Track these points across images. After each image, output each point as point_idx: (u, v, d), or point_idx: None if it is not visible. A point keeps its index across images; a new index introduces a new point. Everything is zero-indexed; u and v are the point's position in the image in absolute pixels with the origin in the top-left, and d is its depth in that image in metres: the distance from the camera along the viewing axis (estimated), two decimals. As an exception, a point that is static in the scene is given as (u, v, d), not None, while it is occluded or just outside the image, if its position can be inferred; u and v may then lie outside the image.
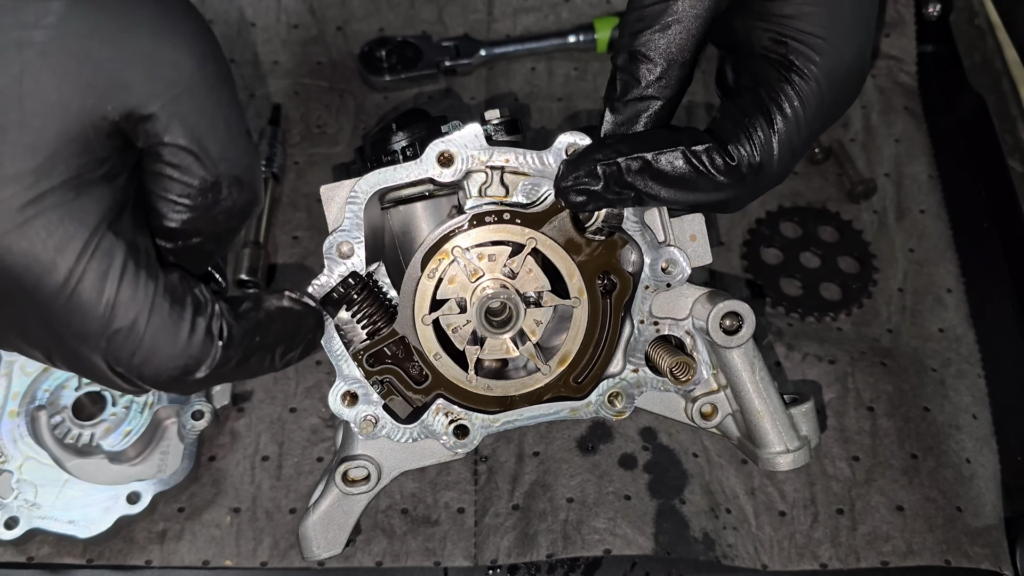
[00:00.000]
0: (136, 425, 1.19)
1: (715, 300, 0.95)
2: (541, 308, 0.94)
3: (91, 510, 1.13)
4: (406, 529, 1.14)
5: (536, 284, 0.93)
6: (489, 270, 0.92)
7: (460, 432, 0.98)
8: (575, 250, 0.93)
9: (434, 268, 0.92)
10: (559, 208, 0.91)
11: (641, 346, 0.98)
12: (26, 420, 1.20)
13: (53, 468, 1.17)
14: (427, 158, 0.89)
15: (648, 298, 0.96)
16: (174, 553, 1.14)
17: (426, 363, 0.96)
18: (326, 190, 0.93)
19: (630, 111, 0.88)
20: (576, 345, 0.96)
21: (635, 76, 0.86)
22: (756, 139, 0.85)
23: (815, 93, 0.85)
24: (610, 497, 1.12)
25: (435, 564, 1.12)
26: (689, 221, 0.97)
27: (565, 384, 0.98)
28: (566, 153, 0.89)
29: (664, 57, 0.86)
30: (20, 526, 1.12)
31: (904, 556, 1.10)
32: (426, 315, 0.93)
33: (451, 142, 0.89)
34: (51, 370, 1.24)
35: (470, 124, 0.89)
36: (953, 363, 1.27)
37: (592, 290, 0.94)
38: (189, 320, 0.75)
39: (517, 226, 0.91)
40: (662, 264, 0.95)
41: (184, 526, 1.16)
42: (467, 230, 0.91)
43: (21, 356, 1.23)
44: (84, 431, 1.18)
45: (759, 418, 0.98)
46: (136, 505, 1.14)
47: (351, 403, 0.96)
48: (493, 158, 0.90)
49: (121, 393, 1.21)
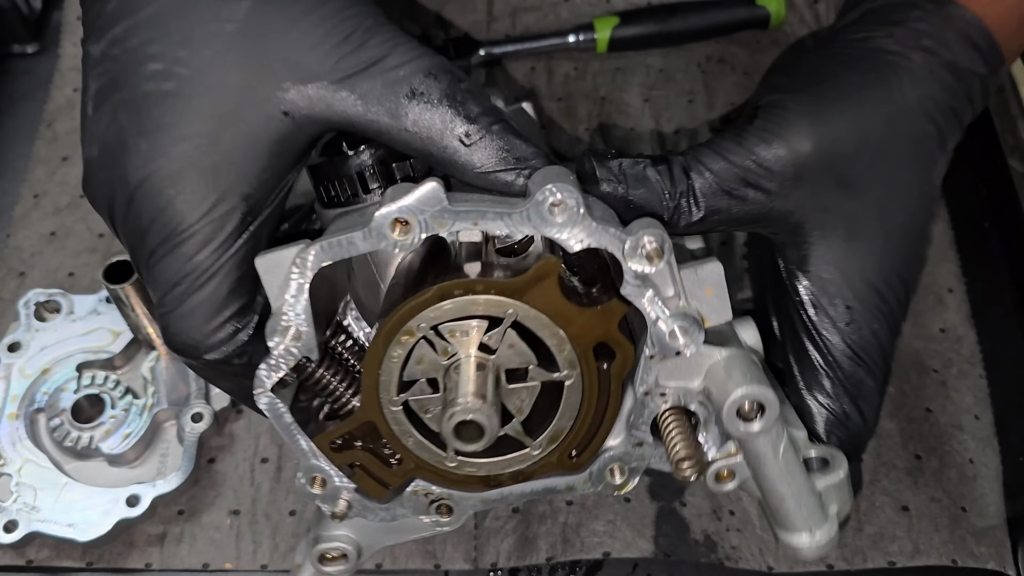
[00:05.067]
0: (135, 428, 1.18)
1: (731, 378, 0.80)
2: (526, 385, 0.81)
3: (90, 513, 1.13)
4: (406, 531, 1.14)
5: (520, 359, 0.80)
6: (463, 347, 0.79)
7: (444, 510, 0.90)
8: (565, 320, 0.78)
9: (399, 347, 0.79)
10: (544, 273, 0.77)
11: (646, 419, 0.85)
12: (25, 423, 1.20)
13: (52, 471, 1.17)
14: (377, 227, 0.76)
15: (653, 368, 0.82)
16: (174, 556, 1.14)
17: (398, 446, 0.85)
18: (262, 262, 0.81)
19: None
20: (568, 422, 0.83)
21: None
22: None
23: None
24: (610, 500, 1.12)
25: (435, 567, 1.11)
26: (705, 270, 0.82)
27: (559, 460, 0.86)
28: (550, 211, 0.76)
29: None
30: (19, 529, 1.12)
31: (911, 556, 1.10)
32: (394, 398, 0.81)
33: (404, 208, 0.76)
34: (50, 373, 1.24)
35: (426, 182, 0.76)
36: (954, 364, 1.27)
37: (587, 361, 0.80)
38: (231, 311, 0.83)
39: (494, 297, 0.77)
40: (670, 329, 0.79)
41: (184, 529, 1.15)
42: (436, 303, 0.77)
43: (20, 359, 1.24)
44: (83, 434, 1.18)
45: (781, 501, 0.86)
46: (135, 508, 1.13)
47: (320, 486, 0.88)
48: (456, 224, 0.77)
49: (120, 395, 1.21)
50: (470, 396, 0.75)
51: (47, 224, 1.43)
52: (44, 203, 1.45)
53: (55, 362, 1.24)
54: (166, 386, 1.21)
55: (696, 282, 0.81)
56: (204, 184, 0.79)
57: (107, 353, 1.24)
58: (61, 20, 1.62)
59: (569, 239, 0.77)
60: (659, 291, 0.79)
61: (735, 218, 0.89)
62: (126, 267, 1.16)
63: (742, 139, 0.88)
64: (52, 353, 1.25)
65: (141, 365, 1.24)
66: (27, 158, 1.49)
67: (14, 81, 1.59)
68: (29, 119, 1.53)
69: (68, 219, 1.43)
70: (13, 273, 1.38)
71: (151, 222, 0.80)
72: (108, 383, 1.22)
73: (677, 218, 0.86)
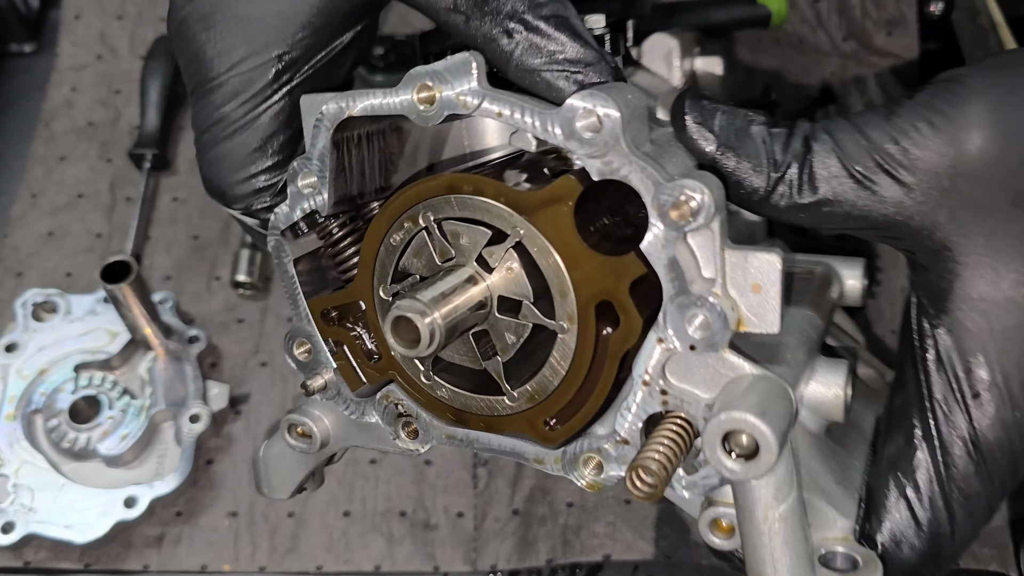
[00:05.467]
0: (133, 429, 1.18)
1: (741, 399, 0.62)
2: (516, 321, 0.71)
3: (88, 514, 1.13)
4: (404, 533, 1.13)
5: (515, 289, 0.71)
6: (461, 254, 0.72)
7: (410, 431, 0.81)
8: (573, 259, 0.67)
9: (400, 229, 0.73)
10: (560, 195, 0.66)
11: (638, 413, 0.69)
12: (23, 424, 1.19)
13: (50, 472, 1.16)
14: (404, 88, 0.70)
15: (659, 355, 0.66)
16: (172, 558, 1.13)
17: (380, 340, 0.78)
18: (306, 101, 0.77)
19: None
20: (553, 382, 0.72)
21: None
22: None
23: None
24: (610, 501, 1.11)
25: (434, 569, 1.11)
26: (758, 260, 0.64)
27: (532, 424, 0.74)
28: (579, 123, 0.64)
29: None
30: (17, 530, 1.11)
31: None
32: (387, 286, 0.75)
33: (434, 74, 0.68)
34: (47, 373, 1.23)
35: (463, 53, 0.68)
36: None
37: (586, 318, 0.68)
38: (260, 166, 0.80)
39: (502, 207, 0.69)
40: (690, 314, 0.64)
41: (182, 530, 1.15)
42: (443, 194, 0.71)
43: (17, 359, 1.24)
44: (81, 435, 1.18)
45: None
46: (133, 509, 1.13)
47: (305, 353, 0.82)
48: (483, 106, 0.67)
49: (118, 396, 1.21)
50: (425, 298, 0.68)
51: (44, 224, 1.42)
52: (41, 203, 1.44)
53: (52, 363, 1.24)
54: (164, 387, 1.21)
55: (743, 271, 0.64)
56: (234, 35, 0.77)
57: (105, 354, 1.23)
58: (59, 19, 1.61)
59: (592, 163, 0.64)
60: (689, 263, 0.63)
61: (856, 215, 0.66)
62: (124, 267, 1.15)
63: (893, 112, 0.66)
64: (49, 354, 1.24)
65: (139, 366, 1.23)
66: (24, 157, 1.49)
67: (11, 80, 1.59)
68: (26, 118, 1.53)
69: (66, 219, 1.43)
70: (10, 273, 1.37)
71: (187, 64, 0.80)
72: (106, 384, 1.22)
73: (778, 197, 0.66)
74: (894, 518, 0.71)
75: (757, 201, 0.66)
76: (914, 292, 0.72)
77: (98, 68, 1.56)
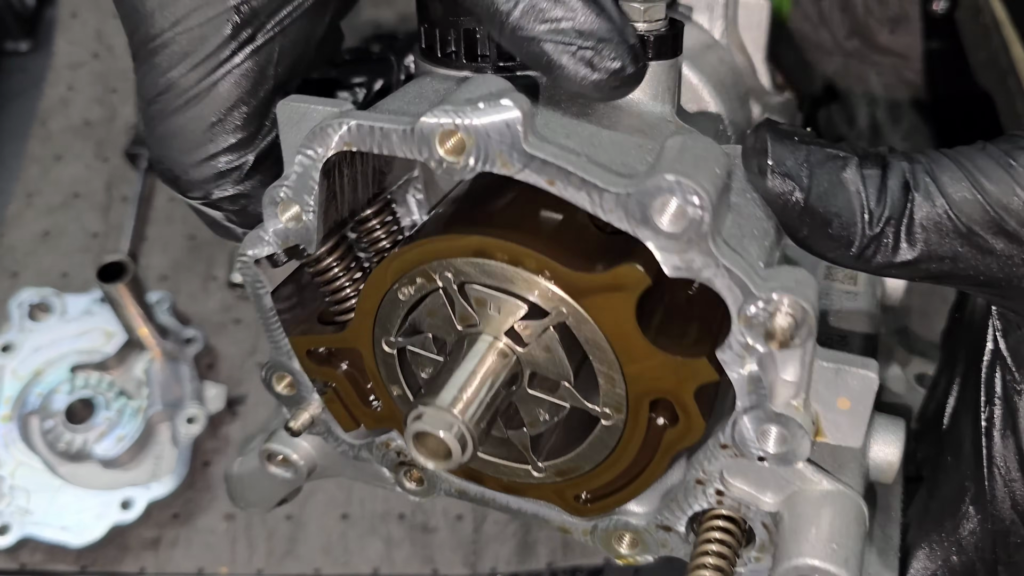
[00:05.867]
0: (129, 430, 1.17)
1: (814, 530, 0.57)
2: (551, 400, 0.62)
3: (84, 516, 1.12)
4: (403, 535, 1.13)
5: (552, 368, 0.61)
6: (488, 324, 0.61)
7: (414, 478, 0.74)
8: (629, 353, 0.58)
9: (412, 284, 0.62)
10: (622, 285, 0.56)
11: (687, 508, 0.64)
12: (18, 425, 1.19)
13: (46, 474, 1.15)
14: (423, 134, 0.55)
15: (721, 458, 0.60)
16: (168, 560, 1.13)
17: (380, 391, 0.69)
18: (284, 110, 0.62)
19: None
20: (589, 465, 0.65)
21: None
22: None
23: None
24: (611, 503, 1.10)
25: (433, 572, 1.10)
26: (853, 376, 0.56)
27: (560, 495, 0.68)
28: (659, 210, 0.52)
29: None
30: (13, 533, 1.11)
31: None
32: (391, 338, 0.65)
33: (465, 125, 0.54)
34: (43, 374, 1.22)
35: (507, 102, 0.53)
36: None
37: (638, 412, 0.61)
38: (219, 146, 0.66)
39: (547, 283, 0.58)
40: (766, 428, 0.56)
41: (179, 533, 1.14)
42: (470, 257, 0.59)
43: (12, 360, 1.23)
44: (76, 435, 1.17)
45: None
46: (129, 511, 1.12)
47: (288, 388, 0.72)
48: (526, 172, 0.54)
49: (114, 397, 1.20)
50: (449, 403, 0.57)
51: (40, 223, 1.41)
52: (37, 202, 1.43)
53: (48, 364, 1.23)
54: (160, 388, 1.20)
55: (833, 384, 0.56)
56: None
57: (101, 354, 1.22)
58: (55, 17, 1.60)
59: (671, 258, 0.53)
60: (771, 371, 0.54)
61: (958, 275, 0.57)
62: (120, 267, 1.14)
63: (1014, 159, 0.55)
64: (45, 354, 1.24)
65: (135, 367, 1.23)
66: (20, 156, 1.48)
67: (7, 79, 1.57)
68: (22, 117, 1.52)
69: (62, 218, 1.42)
70: (6, 273, 1.37)
71: (126, 18, 0.67)
72: (102, 385, 1.21)
73: (872, 252, 0.56)
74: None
75: (844, 259, 0.56)
76: (998, 350, 0.63)
77: (94, 66, 1.55)
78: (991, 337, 0.64)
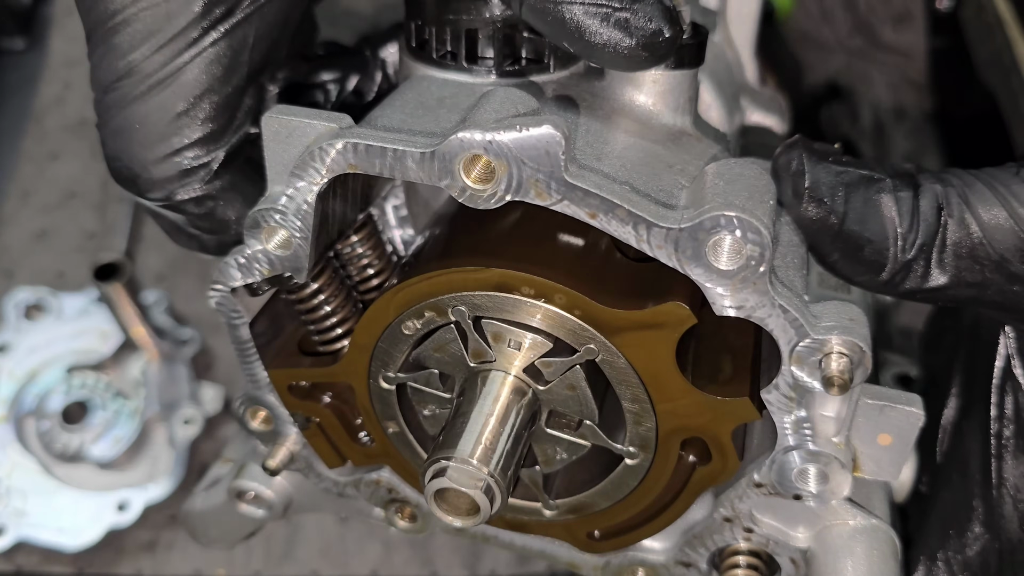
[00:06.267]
0: (126, 432, 1.16)
1: (852, 564, 0.56)
2: (571, 440, 0.58)
3: (80, 518, 1.11)
4: (401, 537, 1.12)
5: (575, 407, 0.57)
6: (504, 359, 0.55)
7: (406, 514, 0.69)
8: (664, 392, 0.54)
9: (419, 318, 0.57)
10: (664, 323, 0.51)
11: (711, 545, 0.61)
12: (14, 426, 1.18)
13: (42, 475, 1.14)
14: (444, 158, 0.49)
15: (752, 497, 0.57)
16: (165, 563, 1.12)
17: (373, 427, 0.64)
18: (271, 123, 0.54)
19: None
20: (606, 504, 0.61)
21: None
22: None
23: None
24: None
25: (431, 574, 1.09)
26: (898, 414, 0.53)
27: (570, 532, 0.64)
28: (714, 249, 0.47)
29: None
30: (8, 535, 1.10)
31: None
32: (390, 375, 0.60)
33: (496, 147, 0.47)
34: (39, 375, 1.21)
35: (545, 123, 0.46)
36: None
37: (668, 450, 0.57)
38: (184, 140, 0.59)
39: (576, 320, 0.53)
40: (803, 468, 0.54)
41: (175, 535, 1.13)
42: (491, 291, 0.53)
43: (8, 360, 1.22)
44: (73, 437, 1.16)
45: None
46: (126, 513, 1.11)
47: (264, 423, 0.67)
48: (564, 203, 0.48)
49: (111, 398, 1.19)
50: (471, 455, 0.52)
51: (36, 222, 1.40)
52: (33, 201, 1.42)
53: (44, 364, 1.22)
54: (157, 389, 1.19)
55: (876, 421, 0.53)
56: None
57: (97, 355, 1.21)
58: (51, 15, 1.59)
59: (724, 298, 0.49)
60: (815, 411, 0.52)
61: (986, 300, 0.55)
62: (117, 267, 1.13)
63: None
64: (41, 355, 1.23)
65: (132, 367, 1.22)
66: (16, 155, 1.47)
67: (3, 77, 1.56)
68: (18, 115, 1.51)
69: (58, 217, 1.41)
70: (1, 272, 1.35)
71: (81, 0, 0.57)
72: (98, 386, 1.20)
73: (902, 278, 0.53)
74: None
75: (872, 284, 0.54)
76: (1010, 369, 0.62)
77: (91, 64, 1.54)
78: (1003, 355, 0.62)
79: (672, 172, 0.53)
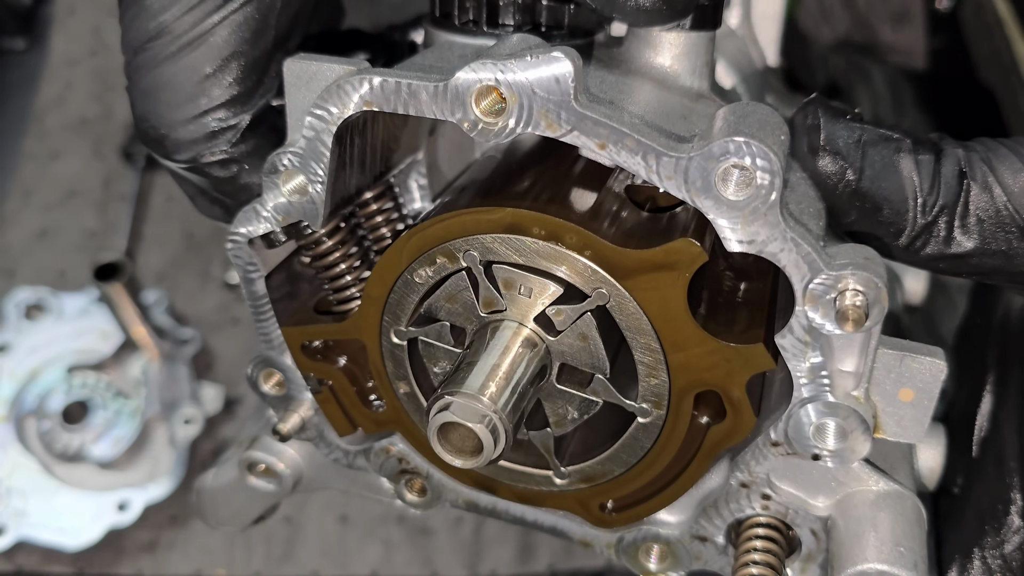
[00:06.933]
0: (126, 431, 1.16)
1: (874, 533, 0.53)
2: (582, 396, 0.57)
3: (81, 518, 1.11)
4: (402, 538, 1.12)
5: (585, 359, 0.55)
6: (516, 307, 0.55)
7: (416, 487, 0.68)
8: (676, 340, 0.53)
9: (431, 264, 0.56)
10: (675, 262, 0.51)
11: (727, 515, 0.59)
12: (15, 426, 1.18)
13: (42, 475, 1.14)
14: (457, 91, 0.50)
15: (770, 458, 0.56)
16: (165, 563, 1.12)
17: (384, 389, 0.63)
18: (292, 67, 0.56)
19: None
20: (619, 469, 0.59)
21: None
22: None
23: None
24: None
25: (432, 574, 1.09)
26: (920, 364, 0.51)
27: (583, 505, 0.62)
28: (723, 177, 0.47)
29: None
30: (9, 534, 1.10)
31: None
32: (401, 328, 0.59)
33: (507, 80, 0.48)
34: (39, 375, 1.21)
35: (558, 54, 0.48)
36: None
37: (681, 406, 0.55)
38: (213, 101, 0.60)
39: (587, 262, 0.52)
40: (820, 424, 0.52)
41: (176, 535, 1.13)
42: (503, 233, 0.53)
43: (8, 360, 1.22)
44: (73, 437, 1.16)
45: None
46: (126, 513, 1.11)
47: (276, 386, 0.66)
48: (575, 135, 0.49)
49: (111, 398, 1.19)
50: (478, 391, 0.51)
51: (37, 221, 1.40)
52: (34, 200, 1.42)
53: (45, 364, 1.22)
54: (157, 389, 1.19)
55: (897, 374, 0.51)
56: None
57: (97, 355, 1.21)
58: (52, 15, 1.59)
59: (732, 232, 0.48)
60: (832, 361, 0.50)
61: (1013, 270, 0.53)
62: (117, 266, 1.13)
63: None
64: (42, 355, 1.23)
65: (132, 367, 1.22)
66: (17, 154, 1.47)
67: (4, 76, 1.56)
68: (19, 115, 1.51)
69: (59, 217, 1.41)
70: (2, 271, 1.35)
71: None
72: (99, 386, 1.20)
73: (923, 243, 0.52)
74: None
75: (893, 249, 0.52)
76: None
77: (91, 64, 1.54)
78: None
79: (687, 121, 0.53)
